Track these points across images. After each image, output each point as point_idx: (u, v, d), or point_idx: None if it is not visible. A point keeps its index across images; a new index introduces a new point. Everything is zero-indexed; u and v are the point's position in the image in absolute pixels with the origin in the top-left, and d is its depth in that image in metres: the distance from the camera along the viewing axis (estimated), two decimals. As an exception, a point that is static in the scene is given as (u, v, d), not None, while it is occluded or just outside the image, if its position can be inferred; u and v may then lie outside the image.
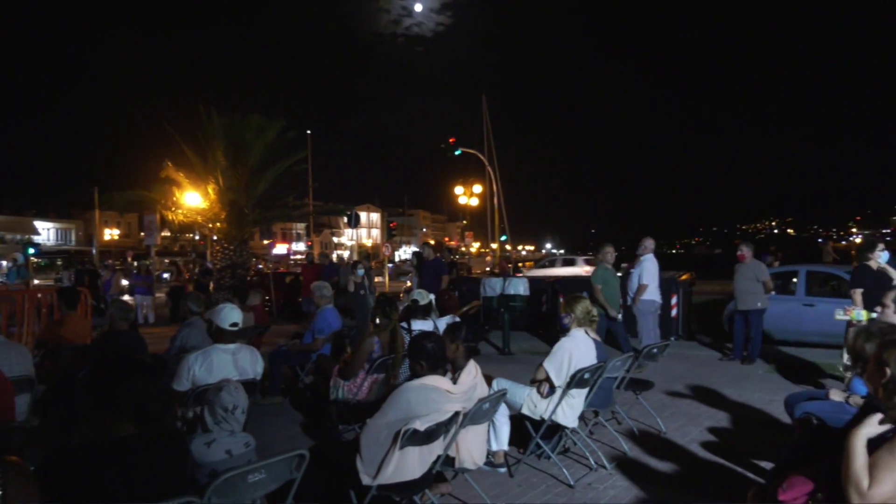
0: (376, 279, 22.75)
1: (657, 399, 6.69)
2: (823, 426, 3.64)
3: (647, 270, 8.62)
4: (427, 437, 3.36)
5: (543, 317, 12.38)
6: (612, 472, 4.68)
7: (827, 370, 7.97)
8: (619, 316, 8.74)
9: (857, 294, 6.49)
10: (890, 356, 2.39)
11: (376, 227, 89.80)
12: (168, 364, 4.62)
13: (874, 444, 2.26)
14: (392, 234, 38.82)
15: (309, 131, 37.25)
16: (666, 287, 10.46)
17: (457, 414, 3.54)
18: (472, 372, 4.04)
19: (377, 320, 5.65)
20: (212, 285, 15.78)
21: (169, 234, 25.98)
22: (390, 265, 33.07)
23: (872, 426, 2.28)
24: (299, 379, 7.20)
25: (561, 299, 7.05)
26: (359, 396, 5.22)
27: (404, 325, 5.92)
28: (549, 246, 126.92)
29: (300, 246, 67.46)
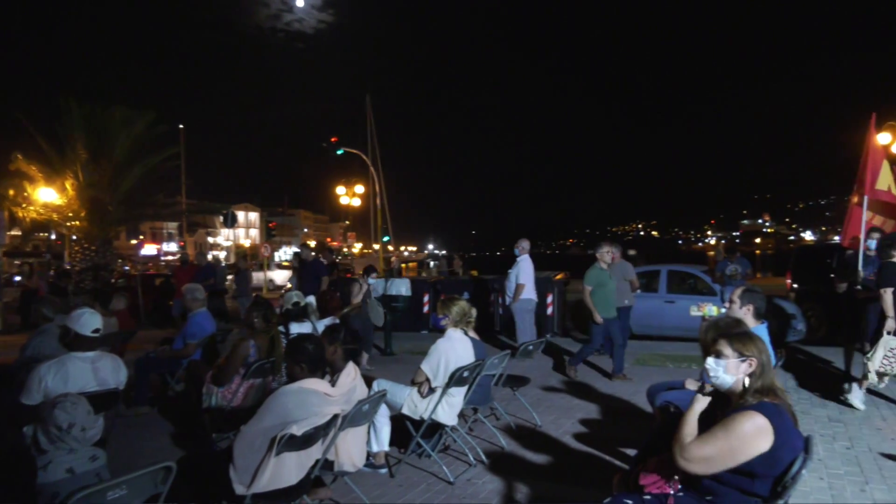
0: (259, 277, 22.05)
1: (533, 394, 6.94)
2: (680, 413, 3.92)
3: (524, 270, 8.91)
4: (305, 441, 3.28)
5: (425, 317, 12.50)
6: (491, 467, 4.79)
7: (682, 362, 8.61)
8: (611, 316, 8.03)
9: (888, 294, 6.13)
10: (723, 346, 2.62)
11: (255, 227, 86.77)
12: (16, 375, 4.20)
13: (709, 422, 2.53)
14: (271, 234, 37.71)
15: (182, 125, 35.38)
16: (542, 286, 10.87)
17: (335, 417, 3.48)
18: (351, 374, 3.99)
19: (253, 323, 5.43)
20: (70, 289, 14.57)
21: (20, 232, 23.72)
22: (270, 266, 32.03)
23: (704, 402, 2.66)
24: (169, 387, 6.81)
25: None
26: (234, 403, 5.01)
27: (282, 328, 5.76)
28: (430, 247, 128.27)
29: (172, 246, 63.87)
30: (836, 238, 7.75)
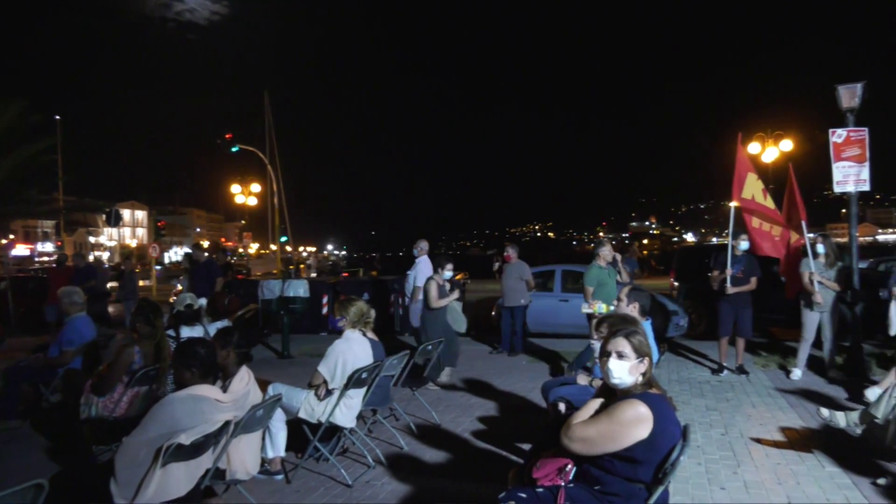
0: (142, 283, 20.82)
1: (433, 394, 7.00)
2: (572, 408, 4.08)
3: (422, 272, 8.95)
4: (194, 450, 3.14)
5: (324, 319, 12.30)
6: (391, 467, 4.78)
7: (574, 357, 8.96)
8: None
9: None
10: (624, 346, 2.75)
11: (142, 226, 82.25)
12: None
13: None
14: (161, 234, 35.71)
15: (58, 117, 32.91)
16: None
17: (227, 423, 3.35)
18: (244, 378, 3.86)
19: (138, 328, 5.13)
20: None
21: None
22: (158, 267, 30.44)
23: (597, 402, 2.81)
24: (43, 398, 6.30)
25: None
26: (116, 413, 4.71)
27: (171, 332, 5.48)
28: (330, 247, 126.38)
29: (48, 246, 59.34)
30: (715, 239, 8.41)
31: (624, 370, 2.68)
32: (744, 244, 7.77)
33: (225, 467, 3.64)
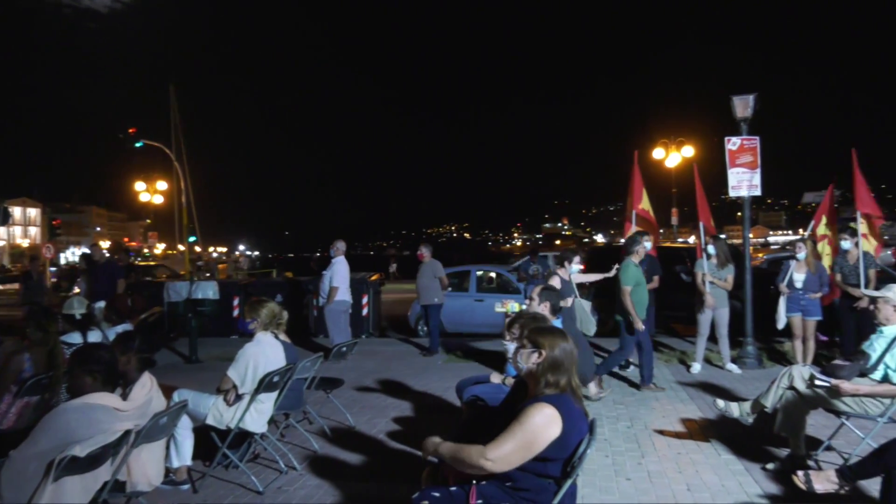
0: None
1: (348, 395, 6.92)
2: (486, 406, 4.15)
3: (338, 272, 8.86)
4: (90, 462, 2.95)
5: (235, 321, 11.92)
6: (303, 472, 4.69)
7: (488, 356, 9.10)
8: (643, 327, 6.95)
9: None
10: (536, 340, 2.82)
11: (35, 225, 76.97)
12: None
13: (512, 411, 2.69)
14: (56, 233, 33.48)
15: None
16: (357, 287, 10.89)
17: (127, 433, 3.18)
18: (146, 385, 3.67)
19: (28, 333, 4.79)
20: None
21: None
22: (53, 269, 28.54)
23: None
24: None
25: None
26: (4, 426, 4.37)
27: (67, 338, 5.14)
28: (242, 248, 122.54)
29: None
30: (623, 240, 8.82)
31: (520, 358, 2.78)
32: (647, 244, 8.12)
33: (125, 479, 3.46)
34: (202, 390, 4.71)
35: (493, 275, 12.52)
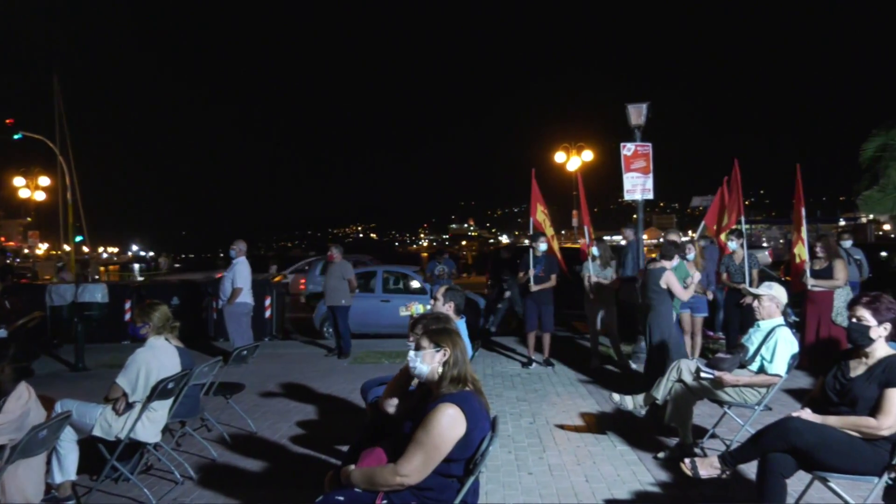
0: None
1: (249, 401, 6.71)
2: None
3: (240, 273, 8.56)
4: (-43, 482, 2.71)
5: (127, 326, 11.27)
6: (201, 481, 4.50)
7: (397, 357, 9.09)
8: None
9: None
10: (423, 339, 2.85)
11: None
12: None
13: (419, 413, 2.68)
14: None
15: None
16: (259, 289, 10.59)
17: (1, 448, 2.94)
18: (23, 396, 3.41)
19: None
20: None
21: None
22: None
23: None
24: None
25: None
26: None
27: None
28: (135, 248, 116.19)
29: None
30: (527, 241, 9.12)
31: (418, 359, 2.80)
32: (542, 246, 8.38)
33: (0, 499, 3.19)
34: (89, 400, 4.43)
35: (400, 275, 12.51)
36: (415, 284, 11.93)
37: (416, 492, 2.58)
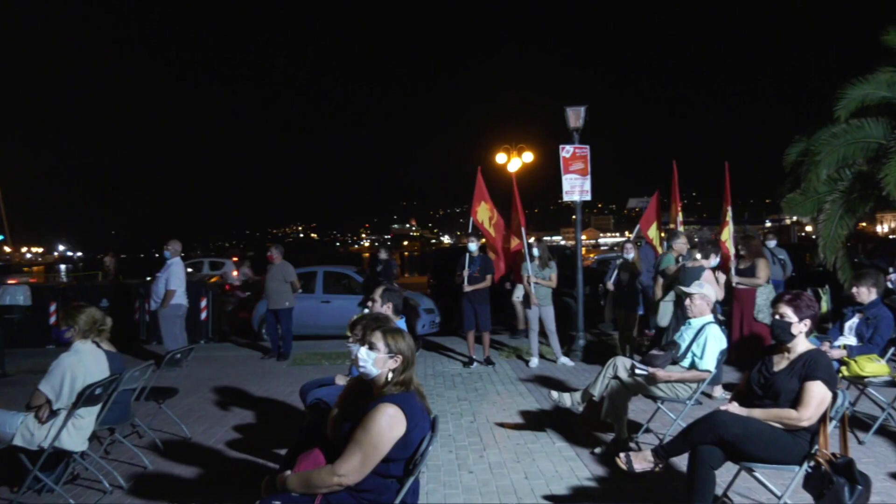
0: None
1: (184, 405, 6.51)
2: (329, 408, 4.08)
3: (174, 274, 8.30)
4: None
5: (50, 330, 10.76)
6: (132, 490, 4.33)
7: (337, 359, 8.99)
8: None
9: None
10: (377, 339, 2.81)
11: None
12: None
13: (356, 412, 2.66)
14: None
15: None
16: (195, 290, 10.30)
17: None
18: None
19: None
20: None
21: None
22: None
23: None
24: None
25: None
26: None
27: None
28: (62, 248, 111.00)
29: None
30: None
31: (370, 360, 2.73)
32: (472, 246, 8.44)
33: None
34: (9, 408, 4.21)
35: (341, 275, 12.38)
36: (356, 285, 11.83)
37: (355, 493, 2.56)
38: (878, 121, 10.80)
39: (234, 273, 16.35)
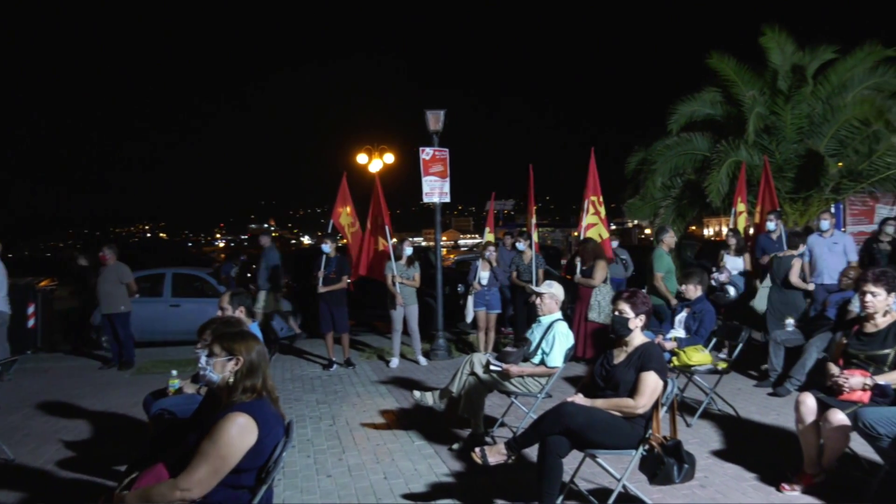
0: None
1: (6, 423, 5.87)
2: (175, 419, 3.85)
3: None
4: None
5: None
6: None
7: (187, 366, 8.49)
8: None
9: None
10: (214, 345, 2.70)
11: None
12: None
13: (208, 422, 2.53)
14: None
15: None
16: (20, 295, 9.28)
17: None
18: None
19: None
20: None
21: None
22: None
23: None
24: None
25: None
26: None
27: None
28: None
29: None
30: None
31: (210, 365, 2.65)
32: (325, 247, 8.35)
33: None
34: None
35: (192, 277, 11.69)
36: (209, 288, 11.23)
37: (204, 506, 2.43)
38: (704, 135, 12.05)
39: None
